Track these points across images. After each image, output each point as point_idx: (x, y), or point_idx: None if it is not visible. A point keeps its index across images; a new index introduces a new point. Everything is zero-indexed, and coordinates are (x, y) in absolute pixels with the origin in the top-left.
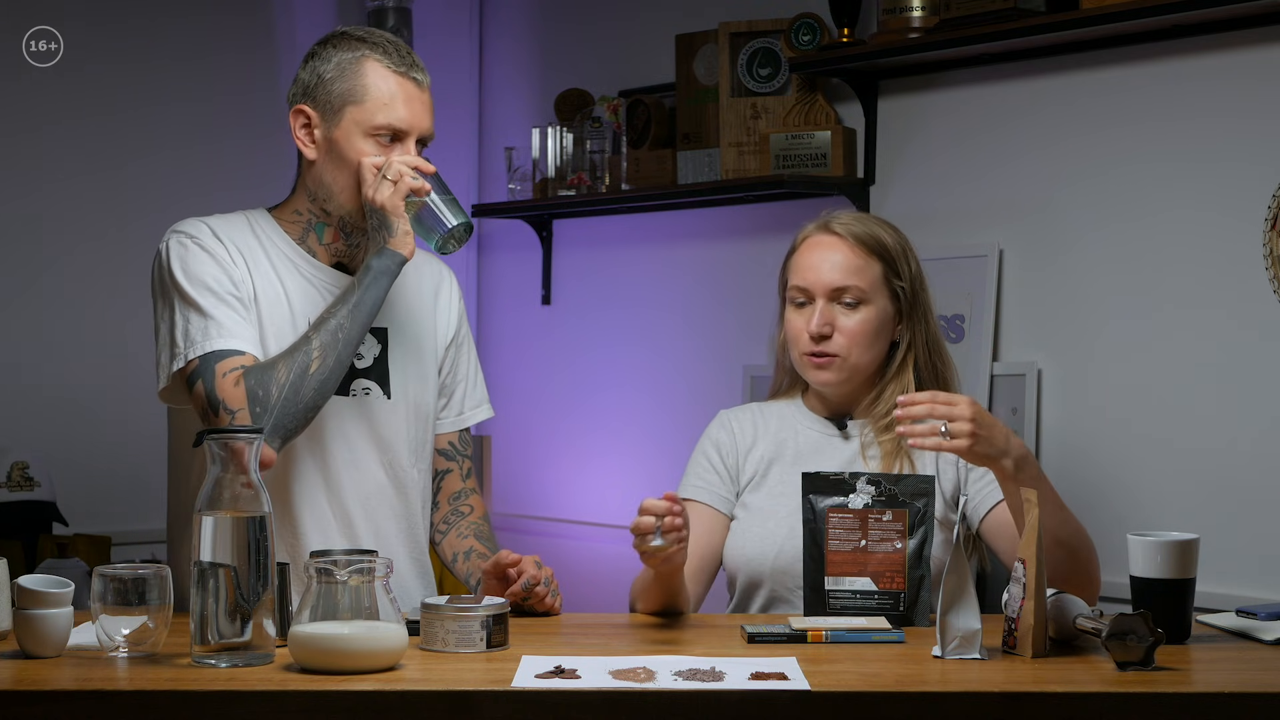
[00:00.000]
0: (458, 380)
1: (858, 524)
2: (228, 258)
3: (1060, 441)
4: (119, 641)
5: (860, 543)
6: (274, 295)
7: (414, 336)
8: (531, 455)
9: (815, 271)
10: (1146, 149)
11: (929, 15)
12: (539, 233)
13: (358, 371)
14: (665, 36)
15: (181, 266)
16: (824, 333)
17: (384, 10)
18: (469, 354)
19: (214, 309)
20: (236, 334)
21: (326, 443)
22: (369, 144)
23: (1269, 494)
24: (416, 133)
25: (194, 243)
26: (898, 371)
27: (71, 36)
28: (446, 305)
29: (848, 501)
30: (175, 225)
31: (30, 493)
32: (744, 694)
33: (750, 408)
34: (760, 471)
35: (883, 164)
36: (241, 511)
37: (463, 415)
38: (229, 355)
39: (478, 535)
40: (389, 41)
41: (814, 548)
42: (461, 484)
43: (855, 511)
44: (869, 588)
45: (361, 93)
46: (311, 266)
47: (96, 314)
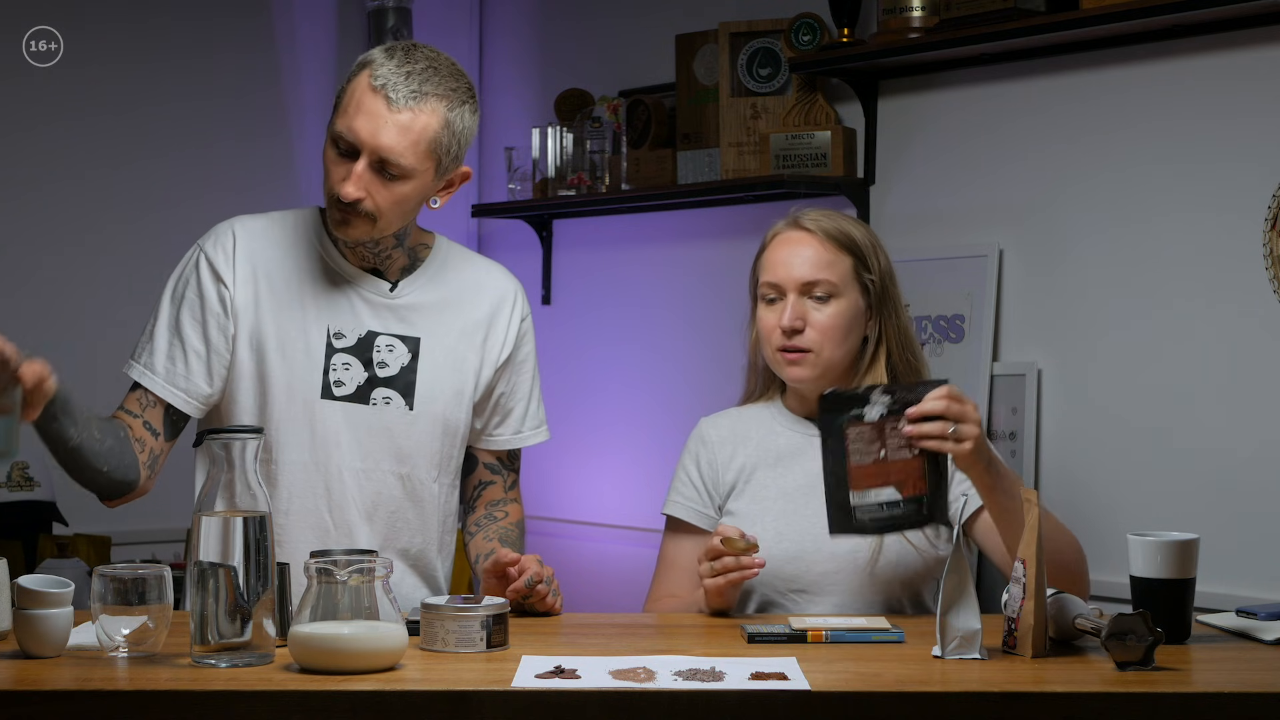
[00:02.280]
0: (517, 399)
1: (875, 435)
2: (218, 300)
3: (1060, 441)
4: (119, 641)
5: (880, 453)
6: (291, 295)
7: (454, 351)
8: (531, 455)
9: (786, 267)
10: (1147, 149)
11: (929, 15)
12: (539, 233)
13: (379, 380)
14: (665, 36)
15: (173, 290)
16: (796, 327)
17: (384, 10)
18: (531, 375)
19: (172, 347)
20: (172, 382)
21: (334, 451)
22: (331, 149)
23: (1269, 494)
24: (368, 149)
25: (195, 276)
26: (870, 366)
27: (71, 36)
28: (506, 322)
29: (864, 414)
30: (212, 230)
31: (30, 493)
32: (744, 694)
33: (729, 414)
34: (743, 478)
35: (883, 164)
36: (241, 511)
37: (520, 434)
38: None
39: (502, 540)
40: (406, 59)
41: (836, 466)
42: (503, 494)
43: (872, 424)
44: (894, 497)
45: (341, 98)
46: (346, 270)
47: (97, 314)
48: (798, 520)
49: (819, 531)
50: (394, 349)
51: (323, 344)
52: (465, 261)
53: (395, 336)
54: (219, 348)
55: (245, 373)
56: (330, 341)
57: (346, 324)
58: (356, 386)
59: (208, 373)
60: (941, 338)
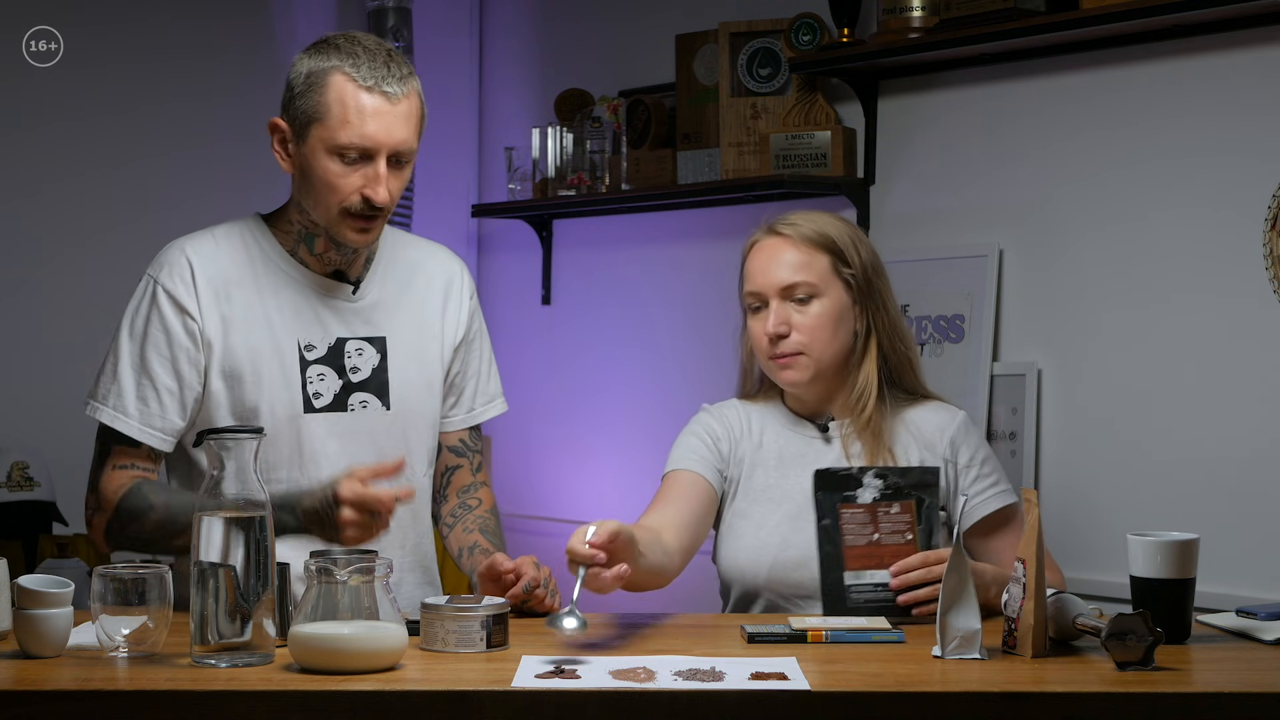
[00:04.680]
0: (468, 377)
1: (869, 518)
2: (185, 333)
3: (1060, 441)
4: (119, 641)
5: (873, 536)
6: (256, 316)
7: (417, 344)
8: (531, 455)
9: (764, 274)
10: (1146, 149)
11: (929, 15)
12: (539, 233)
13: (354, 385)
14: (665, 36)
15: (131, 325)
16: (781, 332)
17: (384, 10)
18: (481, 349)
19: (141, 386)
20: (148, 424)
21: (323, 462)
22: (334, 162)
23: (1269, 494)
24: (386, 149)
25: (156, 311)
26: (862, 359)
27: (71, 36)
28: (457, 305)
29: (856, 496)
30: (161, 258)
31: (30, 493)
32: (744, 694)
33: (733, 404)
34: (746, 473)
35: (883, 164)
36: (241, 511)
37: (474, 412)
38: (130, 446)
39: (483, 530)
40: (365, 50)
41: (829, 545)
42: (471, 478)
43: (865, 506)
44: (888, 579)
45: (324, 109)
46: (305, 278)
47: (96, 314)
48: (804, 526)
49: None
50: (363, 352)
51: (296, 359)
52: (409, 247)
53: (363, 340)
54: (190, 382)
55: (220, 401)
56: (303, 355)
57: (315, 334)
58: (334, 395)
59: (181, 408)
60: (941, 338)
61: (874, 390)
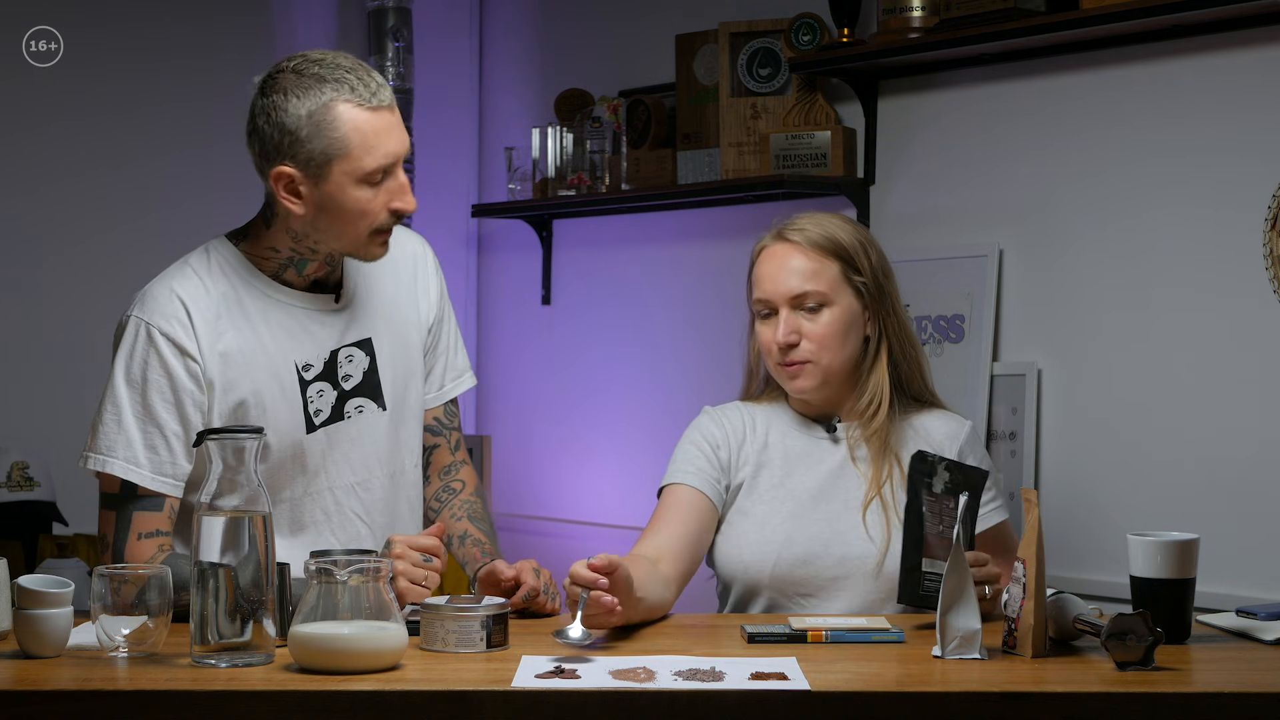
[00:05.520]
0: (439, 354)
1: (939, 509)
2: (188, 377)
3: (1060, 441)
4: (119, 641)
5: (939, 528)
6: (252, 348)
7: (399, 336)
8: (531, 455)
9: (773, 282)
10: (1146, 149)
11: (929, 15)
12: (539, 233)
13: (348, 393)
14: (665, 36)
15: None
16: (790, 341)
17: (384, 10)
18: (447, 327)
19: (148, 434)
20: (160, 472)
21: (325, 476)
22: (363, 190)
23: (1269, 494)
24: (402, 158)
25: (155, 355)
26: (873, 365)
27: (71, 36)
28: (425, 287)
29: (932, 484)
30: (147, 301)
31: (30, 493)
32: (744, 694)
33: (736, 406)
34: (750, 474)
35: (883, 164)
36: (241, 511)
37: (444, 389)
38: (149, 511)
39: (471, 516)
40: (348, 71)
41: (917, 529)
42: (451, 457)
43: (937, 496)
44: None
45: (344, 144)
46: (290, 297)
47: (96, 314)
48: (807, 524)
49: (828, 536)
50: (353, 358)
51: (295, 382)
52: None
53: (352, 346)
54: (195, 425)
55: None
56: (301, 376)
57: (309, 352)
58: (330, 407)
59: (188, 452)
60: (941, 338)
61: (886, 397)
